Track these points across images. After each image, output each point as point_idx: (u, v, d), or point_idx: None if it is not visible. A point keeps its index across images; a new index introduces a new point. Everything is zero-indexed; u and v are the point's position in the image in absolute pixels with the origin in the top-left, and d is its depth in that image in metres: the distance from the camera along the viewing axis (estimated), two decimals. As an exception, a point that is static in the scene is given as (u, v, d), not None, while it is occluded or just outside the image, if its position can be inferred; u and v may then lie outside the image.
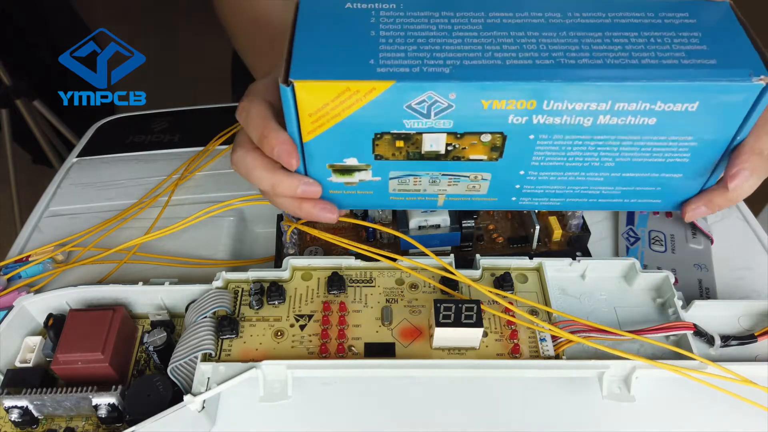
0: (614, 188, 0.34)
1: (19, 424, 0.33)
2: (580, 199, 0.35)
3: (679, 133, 0.31)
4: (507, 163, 0.33)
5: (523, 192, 0.35)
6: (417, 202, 0.36)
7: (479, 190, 0.35)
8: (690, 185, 0.34)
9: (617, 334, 0.35)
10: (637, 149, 0.32)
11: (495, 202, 0.36)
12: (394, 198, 0.36)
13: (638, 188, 0.34)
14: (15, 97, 1.13)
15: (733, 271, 0.43)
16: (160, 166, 0.53)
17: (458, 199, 0.36)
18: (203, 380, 0.32)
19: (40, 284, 0.42)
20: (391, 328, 0.36)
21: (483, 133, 0.31)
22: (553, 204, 0.36)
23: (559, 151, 0.32)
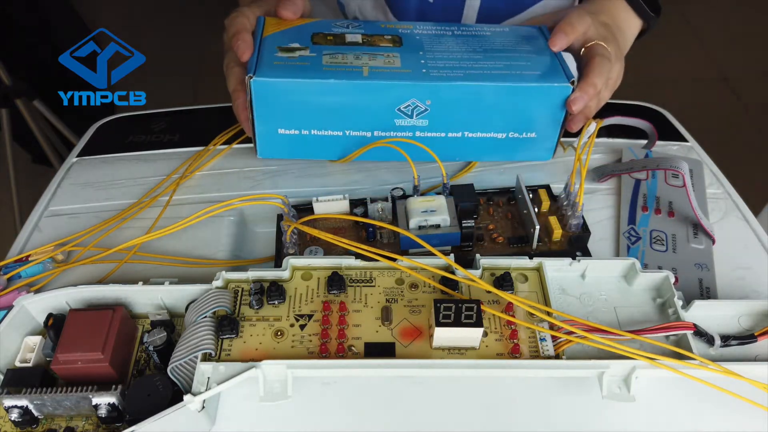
0: (496, 64, 0.46)
1: (19, 423, 0.33)
2: (478, 72, 0.45)
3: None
4: (409, 47, 0.47)
5: (429, 65, 0.45)
6: (345, 71, 0.44)
7: (394, 63, 0.45)
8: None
9: (617, 334, 0.35)
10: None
11: (410, 73, 0.44)
12: (327, 68, 0.44)
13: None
14: (15, 97, 1.13)
15: (733, 271, 0.43)
16: (160, 166, 0.53)
17: (380, 70, 0.44)
18: (203, 380, 0.32)
19: (40, 284, 0.42)
20: (391, 328, 0.36)
21: (384, 35, 0.48)
22: (457, 75, 0.44)
23: (449, 51, 0.47)
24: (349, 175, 0.51)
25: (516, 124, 0.47)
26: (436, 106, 0.45)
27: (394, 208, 0.43)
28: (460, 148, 0.48)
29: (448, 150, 0.48)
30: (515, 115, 0.46)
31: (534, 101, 0.45)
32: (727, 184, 0.51)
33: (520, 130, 0.47)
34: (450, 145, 0.48)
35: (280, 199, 0.43)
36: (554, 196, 0.45)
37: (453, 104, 0.45)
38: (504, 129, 0.47)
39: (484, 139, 0.48)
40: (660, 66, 1.84)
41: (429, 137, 0.47)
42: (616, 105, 0.60)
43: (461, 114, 0.46)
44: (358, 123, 0.46)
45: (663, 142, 0.55)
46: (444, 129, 0.47)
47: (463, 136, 0.47)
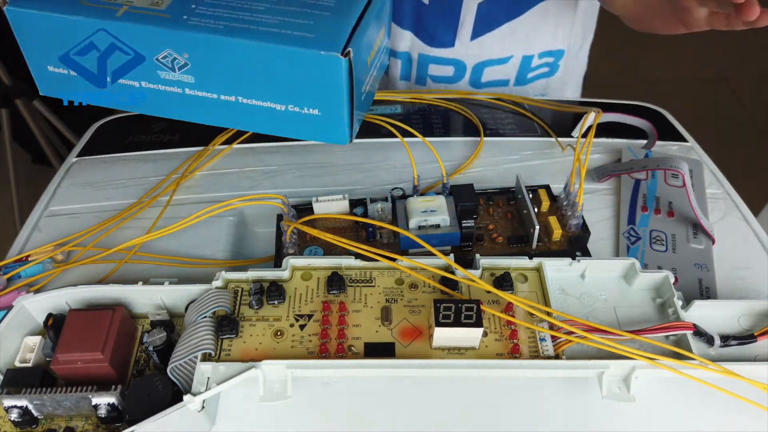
0: (273, 20, 0.40)
1: (19, 423, 0.33)
2: (243, 26, 0.40)
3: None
4: None
5: (196, 12, 0.40)
6: (98, 9, 0.40)
7: (161, 5, 0.40)
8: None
9: (617, 334, 0.35)
10: None
11: (166, 19, 0.40)
12: (85, 3, 0.40)
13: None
14: (15, 97, 1.13)
15: (733, 271, 0.43)
16: (160, 166, 0.53)
17: (137, 11, 0.40)
18: (203, 380, 0.32)
19: (40, 284, 0.42)
20: (390, 328, 0.36)
21: None
22: (217, 27, 0.39)
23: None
24: (348, 175, 0.51)
25: (291, 95, 0.41)
26: (197, 61, 0.40)
27: (394, 208, 0.43)
28: (238, 115, 0.43)
29: (227, 115, 0.43)
30: (286, 85, 0.40)
31: (300, 70, 0.39)
32: (726, 184, 0.51)
33: (299, 103, 0.41)
34: (227, 110, 0.43)
35: (280, 199, 0.43)
36: (554, 196, 0.45)
37: (214, 61, 0.40)
38: (281, 100, 0.41)
39: (261, 108, 0.42)
40: (660, 66, 1.84)
41: (200, 96, 0.42)
42: (616, 105, 0.60)
43: (228, 74, 0.41)
44: (120, 70, 0.42)
45: (663, 142, 0.55)
46: (214, 89, 0.42)
47: (238, 101, 0.42)
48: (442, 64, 0.65)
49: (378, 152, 0.53)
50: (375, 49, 0.44)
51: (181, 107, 0.43)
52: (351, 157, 0.53)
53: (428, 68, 0.66)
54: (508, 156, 0.53)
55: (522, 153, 0.54)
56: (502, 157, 0.53)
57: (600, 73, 1.01)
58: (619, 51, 1.75)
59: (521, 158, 0.53)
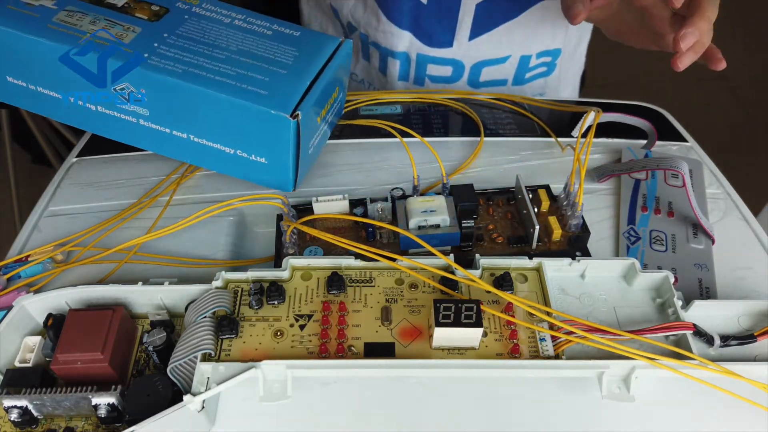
0: (230, 70, 0.42)
1: (19, 423, 0.33)
2: (201, 73, 0.41)
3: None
4: (160, 25, 0.44)
5: (158, 51, 0.42)
6: (63, 34, 0.42)
7: (124, 38, 0.42)
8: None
9: (617, 334, 0.35)
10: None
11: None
12: (51, 26, 0.42)
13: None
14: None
15: (733, 271, 0.43)
16: (160, 166, 0.53)
17: (99, 41, 0.42)
18: (203, 380, 0.32)
19: (40, 284, 0.42)
20: (390, 328, 0.36)
21: (153, 4, 0.45)
22: (175, 70, 0.41)
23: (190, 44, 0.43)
24: (349, 175, 0.51)
25: (241, 142, 0.43)
26: (153, 97, 0.42)
27: (394, 208, 0.43)
28: (190, 151, 0.45)
29: (178, 149, 0.45)
30: (237, 133, 0.43)
31: (251, 122, 0.41)
32: (726, 184, 0.51)
33: (247, 150, 0.43)
34: (178, 145, 0.44)
35: (280, 199, 0.43)
36: (554, 196, 0.45)
37: (169, 101, 0.42)
38: (231, 144, 0.43)
39: (212, 149, 0.44)
40: (660, 66, 1.84)
41: (153, 129, 0.44)
42: (616, 105, 0.60)
43: (182, 114, 0.43)
44: (80, 92, 0.44)
45: (663, 142, 0.55)
46: (167, 125, 0.44)
47: (189, 139, 0.44)
48: (440, 64, 0.65)
49: (378, 152, 0.53)
50: (327, 107, 0.46)
51: (134, 135, 0.45)
52: (351, 157, 0.53)
53: (426, 68, 0.66)
54: (508, 156, 0.53)
55: (522, 153, 0.54)
56: (502, 157, 0.53)
57: (600, 73, 1.01)
58: (619, 51, 1.75)
59: (521, 158, 0.53)
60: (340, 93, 0.50)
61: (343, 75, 0.49)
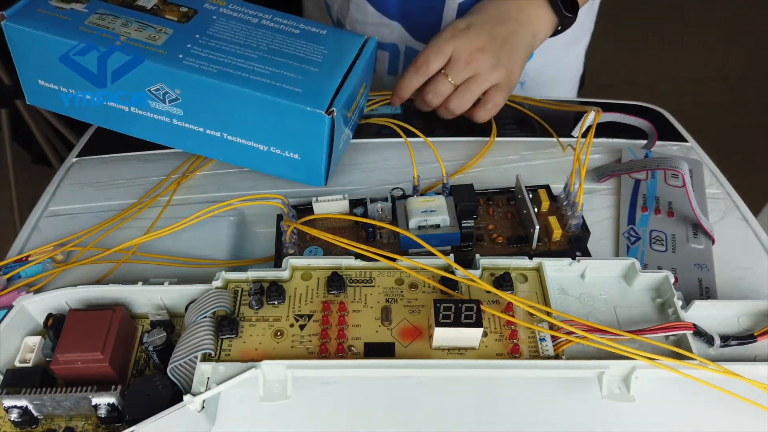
0: (264, 69, 0.43)
1: (19, 423, 0.33)
2: (236, 72, 0.42)
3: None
4: (191, 26, 0.44)
5: (191, 52, 0.42)
6: (97, 37, 0.42)
7: (158, 40, 0.43)
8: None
9: (617, 334, 0.35)
10: None
11: (162, 55, 0.42)
12: (84, 29, 0.42)
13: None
14: (15, 97, 1.13)
15: (732, 271, 0.43)
16: (160, 166, 0.53)
17: (135, 44, 0.42)
18: (203, 380, 0.32)
19: (40, 284, 0.42)
20: (390, 328, 0.36)
21: (181, 6, 0.45)
22: (210, 70, 0.42)
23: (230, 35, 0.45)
24: (348, 175, 0.51)
25: (275, 139, 0.44)
26: (188, 97, 0.43)
27: (394, 208, 0.43)
28: (223, 149, 0.45)
29: (210, 147, 0.46)
30: (271, 130, 0.43)
31: (286, 119, 0.42)
32: (726, 184, 0.51)
33: (281, 146, 0.44)
34: (210, 143, 0.45)
35: (280, 199, 0.43)
36: (554, 196, 0.45)
37: (204, 100, 0.43)
38: (264, 141, 0.44)
39: (245, 146, 0.45)
40: (660, 66, 1.84)
41: (186, 128, 0.45)
42: (616, 105, 0.60)
43: (216, 113, 0.43)
44: (112, 94, 0.44)
45: (663, 142, 0.55)
46: (201, 124, 0.44)
47: (223, 137, 0.45)
48: None
49: (378, 152, 0.53)
50: (355, 104, 0.47)
51: (166, 135, 0.46)
52: (351, 157, 0.53)
53: None
54: (508, 156, 0.53)
55: (522, 153, 0.54)
56: (502, 157, 0.53)
57: (600, 73, 1.01)
58: (618, 51, 1.75)
59: (521, 158, 0.53)
60: (366, 89, 0.50)
61: (368, 72, 0.49)
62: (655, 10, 2.04)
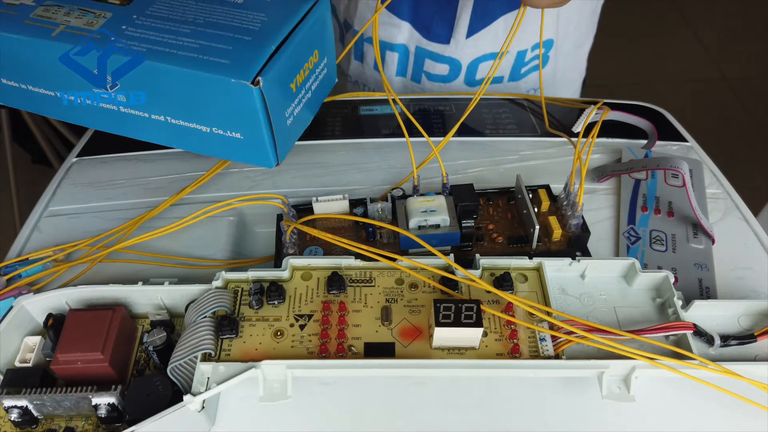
0: (194, 43, 0.40)
1: (19, 423, 0.33)
2: (164, 50, 0.40)
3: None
4: (131, 7, 0.43)
5: (125, 33, 0.41)
6: (38, 28, 0.41)
7: (95, 25, 0.41)
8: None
9: (617, 334, 0.35)
10: None
11: (98, 39, 0.41)
12: (28, 22, 0.42)
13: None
14: (15, 97, 1.13)
15: (732, 271, 0.43)
16: (159, 166, 0.53)
17: (71, 32, 0.41)
18: (203, 380, 0.32)
19: (40, 284, 0.42)
20: (390, 327, 0.36)
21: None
22: (139, 50, 0.40)
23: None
24: (349, 175, 0.51)
25: (213, 119, 0.41)
26: (124, 81, 0.41)
27: (394, 208, 0.43)
28: (171, 134, 0.43)
29: (159, 134, 0.44)
30: (206, 109, 0.41)
31: (216, 95, 0.39)
32: (726, 184, 0.51)
33: (221, 126, 0.41)
34: (159, 129, 0.43)
35: (280, 199, 0.43)
36: (554, 196, 0.45)
37: (138, 82, 0.41)
38: (205, 122, 0.42)
39: (190, 130, 0.42)
40: (660, 66, 1.84)
41: (134, 115, 0.43)
42: (616, 105, 0.60)
43: (153, 95, 0.42)
44: (62, 85, 0.43)
45: (663, 142, 0.55)
46: (146, 109, 0.43)
47: (167, 121, 0.42)
48: (437, 61, 0.65)
49: (378, 152, 0.53)
50: (302, 73, 0.44)
51: (116, 123, 0.44)
52: (351, 157, 0.53)
53: (424, 63, 0.66)
54: (508, 156, 0.53)
55: (522, 153, 0.54)
56: (502, 157, 0.53)
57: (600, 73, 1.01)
58: (619, 51, 1.75)
59: (521, 158, 0.53)
60: (323, 57, 0.46)
61: (323, 36, 0.46)
62: (655, 11, 2.04)
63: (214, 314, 0.36)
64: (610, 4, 0.72)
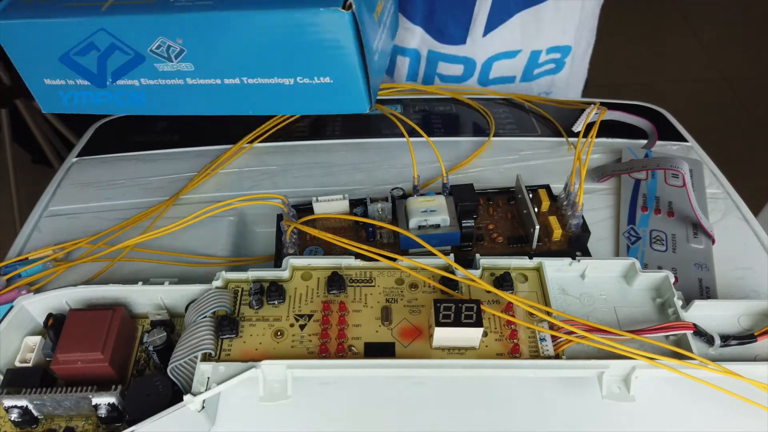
0: None
1: (19, 423, 0.33)
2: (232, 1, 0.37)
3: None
4: None
5: None
6: (83, 7, 0.38)
7: None
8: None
9: (617, 334, 0.35)
10: None
11: (152, 5, 0.37)
12: (67, 4, 0.38)
13: None
14: (15, 97, 1.13)
15: (733, 271, 0.43)
16: (160, 166, 0.53)
17: (123, 3, 0.37)
18: (203, 380, 0.32)
19: (40, 284, 0.42)
20: (390, 327, 0.36)
21: None
22: (206, 3, 0.37)
23: None
24: (349, 175, 0.51)
25: (299, 65, 0.38)
26: (192, 45, 0.38)
27: (394, 208, 0.43)
28: (246, 99, 0.40)
29: (232, 102, 0.40)
30: (291, 54, 0.37)
31: (304, 36, 0.36)
32: (727, 184, 0.51)
33: (308, 73, 0.38)
34: (232, 96, 0.40)
35: (280, 199, 0.43)
36: (554, 196, 0.45)
37: (210, 42, 0.37)
38: (289, 73, 0.38)
39: (269, 87, 0.39)
40: (660, 66, 1.84)
41: (202, 85, 0.40)
42: (616, 105, 0.60)
43: (227, 54, 0.38)
44: (117, 70, 0.40)
45: (663, 142, 0.55)
46: (216, 74, 0.39)
47: (243, 83, 0.39)
48: (451, 62, 0.65)
49: (378, 152, 0.53)
50: (379, 4, 0.41)
51: (185, 100, 0.41)
52: (351, 157, 0.53)
53: (437, 66, 0.65)
54: (508, 156, 0.53)
55: (522, 153, 0.54)
56: (502, 157, 0.53)
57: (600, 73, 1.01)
58: (619, 51, 1.75)
59: (521, 158, 0.53)
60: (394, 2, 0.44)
61: None
62: (655, 11, 2.04)
63: (214, 314, 0.36)
64: (610, 4, 0.72)
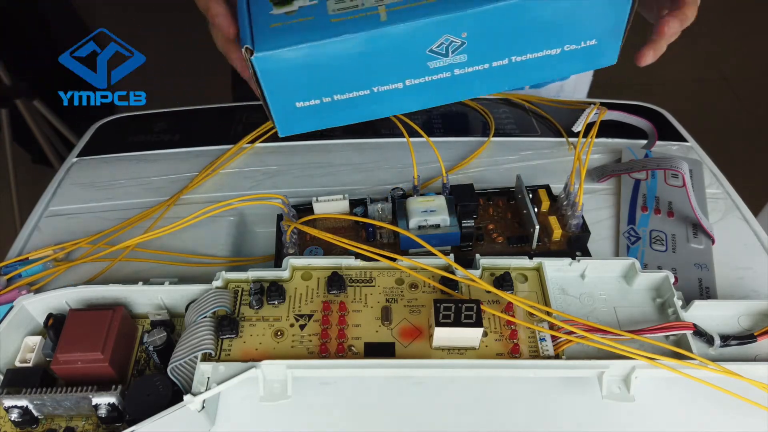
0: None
1: (19, 423, 0.33)
2: None
3: None
4: None
5: None
6: (358, 20, 0.35)
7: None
8: None
9: (617, 334, 0.35)
10: None
11: (435, 4, 0.36)
12: (335, 20, 0.36)
13: None
14: (15, 97, 1.13)
15: (732, 271, 0.43)
16: (160, 166, 0.53)
17: (400, 7, 0.36)
18: (203, 380, 0.32)
19: (40, 284, 0.42)
20: (390, 327, 0.36)
21: None
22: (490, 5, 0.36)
23: None
24: (349, 175, 0.51)
25: (573, 33, 0.39)
26: (474, 36, 0.37)
27: (394, 208, 0.43)
28: (507, 77, 0.40)
29: (492, 82, 0.40)
30: (572, 23, 0.38)
31: (578, 3, 0.37)
32: (726, 184, 0.51)
33: (577, 40, 0.39)
34: (494, 76, 0.40)
35: (280, 199, 0.43)
36: (554, 196, 0.45)
37: (494, 30, 0.37)
38: (558, 43, 0.39)
39: (534, 60, 0.40)
40: (660, 66, 1.84)
41: (468, 73, 0.39)
42: (616, 105, 0.60)
43: (505, 38, 0.38)
44: (385, 76, 0.38)
45: (663, 142, 0.55)
46: (486, 60, 0.39)
47: (510, 62, 0.39)
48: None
49: (378, 152, 0.54)
50: None
51: (443, 93, 0.40)
52: (351, 157, 0.53)
53: None
54: (508, 156, 0.53)
55: (522, 153, 0.54)
56: (502, 157, 0.53)
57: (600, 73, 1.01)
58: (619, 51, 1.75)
59: (521, 158, 0.53)
60: None
61: None
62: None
63: (215, 314, 0.36)
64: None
